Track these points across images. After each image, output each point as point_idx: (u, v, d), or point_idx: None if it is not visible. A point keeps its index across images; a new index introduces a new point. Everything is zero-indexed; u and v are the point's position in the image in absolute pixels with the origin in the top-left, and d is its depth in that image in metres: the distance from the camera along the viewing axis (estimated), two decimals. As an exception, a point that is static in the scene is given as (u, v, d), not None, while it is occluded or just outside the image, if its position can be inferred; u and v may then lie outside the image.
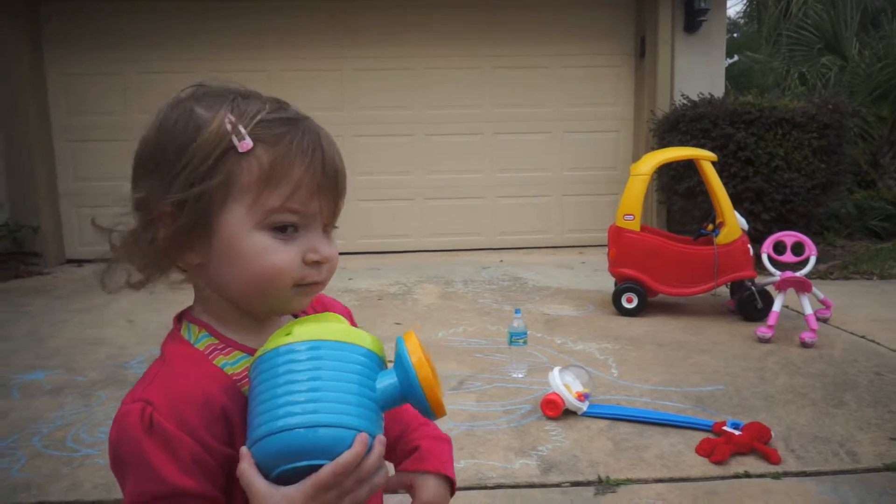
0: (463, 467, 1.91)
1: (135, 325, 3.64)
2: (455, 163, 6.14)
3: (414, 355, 0.63)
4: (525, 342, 2.73)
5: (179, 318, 0.73)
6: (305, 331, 0.62)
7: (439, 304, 4.05)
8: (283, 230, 0.65)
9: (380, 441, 0.60)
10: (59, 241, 5.84)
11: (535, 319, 3.58)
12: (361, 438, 0.58)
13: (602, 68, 6.15)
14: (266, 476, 0.58)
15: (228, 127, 0.63)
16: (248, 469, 0.58)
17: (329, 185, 0.66)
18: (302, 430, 0.57)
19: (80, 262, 5.84)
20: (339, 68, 5.92)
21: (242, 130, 0.63)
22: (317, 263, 0.66)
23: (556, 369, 2.36)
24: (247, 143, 0.63)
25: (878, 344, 3.06)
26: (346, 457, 0.57)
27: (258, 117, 0.64)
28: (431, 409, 0.63)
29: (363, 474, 0.59)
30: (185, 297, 0.78)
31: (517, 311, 2.76)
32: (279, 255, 0.64)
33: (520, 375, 2.70)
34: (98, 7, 5.70)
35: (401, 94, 6.02)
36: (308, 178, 0.65)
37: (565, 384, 2.29)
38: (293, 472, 0.58)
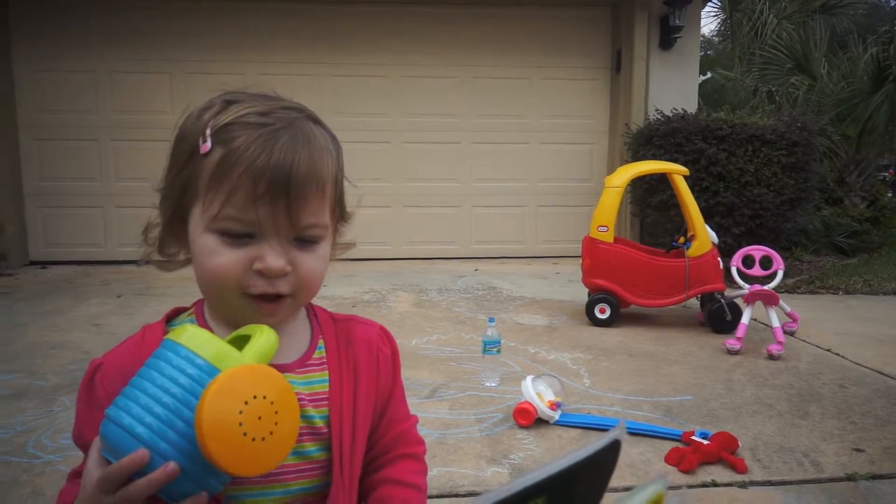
0: (435, 475, 1.90)
1: (102, 330, 3.56)
2: (432, 171, 6.15)
3: (212, 394, 0.55)
4: (498, 351, 2.74)
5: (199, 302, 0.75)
6: (192, 333, 0.60)
7: (413, 312, 4.04)
8: (233, 235, 0.64)
9: (166, 470, 0.54)
10: (23, 242, 5.70)
11: (508, 329, 3.60)
12: (136, 455, 0.54)
13: (579, 81, 6.24)
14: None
15: (202, 128, 0.65)
16: (94, 442, 0.59)
17: (276, 193, 0.62)
18: (105, 419, 0.57)
19: (44, 264, 5.70)
20: (315, 73, 5.90)
21: (207, 132, 0.64)
22: (262, 273, 0.64)
23: (529, 378, 2.37)
24: (206, 146, 0.64)
25: (843, 357, 3.13)
26: (113, 466, 0.55)
27: (227, 120, 0.64)
28: (223, 469, 0.55)
29: (129, 493, 0.55)
30: (155, 302, 0.77)
31: (491, 320, 2.77)
32: (220, 258, 0.64)
33: (493, 384, 2.71)
34: (70, 3, 5.60)
35: (378, 101, 6.02)
36: (247, 185, 0.62)
37: (538, 393, 2.30)
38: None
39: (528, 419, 2.26)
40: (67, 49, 5.65)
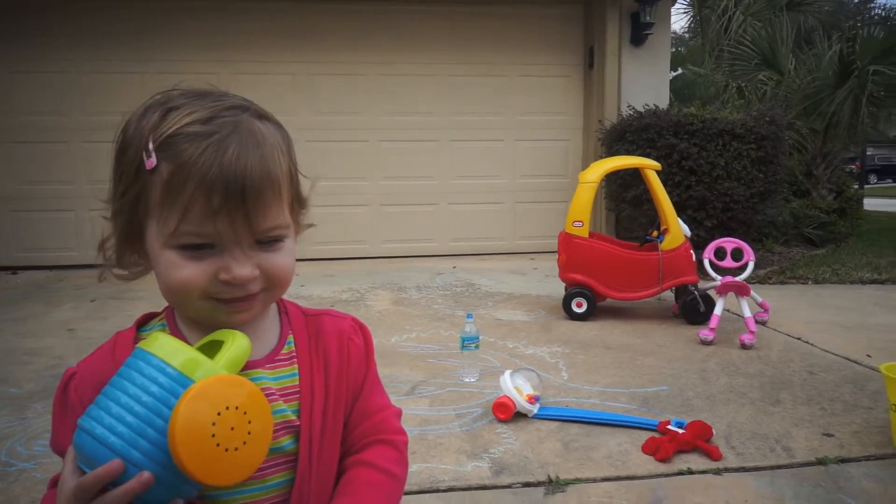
0: (415, 471, 1.92)
1: (76, 335, 3.50)
2: (409, 169, 6.15)
3: (190, 399, 0.55)
4: (477, 347, 2.76)
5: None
6: (162, 341, 0.60)
7: (392, 310, 4.04)
8: (194, 248, 0.63)
9: (140, 480, 0.55)
10: (-8, 247, 5.58)
11: (487, 324, 3.62)
12: (111, 465, 0.55)
13: (553, 78, 6.29)
14: None
15: (145, 141, 0.63)
16: (69, 451, 0.60)
17: (233, 204, 0.61)
18: (78, 429, 0.58)
19: (14, 269, 5.58)
20: (291, 72, 5.87)
21: (150, 147, 0.62)
22: (229, 283, 0.64)
23: (507, 373, 2.39)
24: (151, 161, 0.62)
25: (812, 345, 3.22)
26: (88, 477, 0.56)
27: (169, 131, 0.62)
28: (190, 474, 0.55)
29: (105, 503, 0.56)
30: (129, 307, 0.78)
31: (469, 317, 2.79)
32: (185, 272, 0.63)
33: (472, 380, 2.73)
34: (44, 3, 5.49)
35: (355, 100, 6.01)
36: (201, 199, 0.61)
37: (516, 387, 2.33)
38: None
39: (507, 413, 2.28)
40: (36, 50, 5.54)
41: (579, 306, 3.73)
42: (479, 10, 6.08)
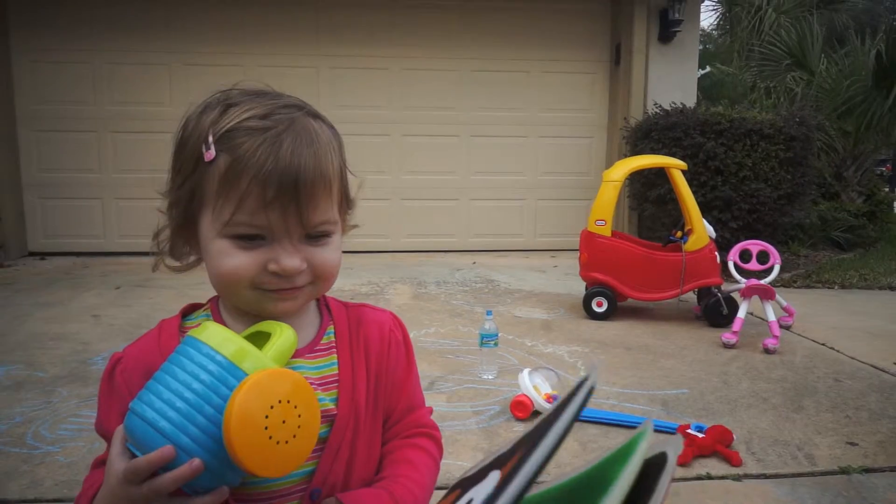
0: (431, 467, 1.92)
1: (100, 321, 3.56)
2: (430, 164, 6.15)
3: (244, 393, 0.56)
4: (496, 344, 2.75)
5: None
6: (212, 331, 0.62)
7: (411, 304, 4.05)
8: (246, 238, 0.65)
9: (191, 466, 0.56)
10: (21, 233, 5.70)
11: (506, 322, 3.61)
12: (164, 451, 0.56)
13: (578, 75, 6.23)
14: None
15: (204, 135, 0.66)
16: (116, 432, 0.61)
17: (286, 197, 0.63)
18: (130, 412, 0.59)
19: (42, 255, 5.70)
20: (315, 65, 5.89)
21: (210, 140, 0.65)
22: (277, 274, 0.66)
23: (526, 371, 2.38)
24: (210, 154, 0.65)
25: (838, 351, 3.15)
26: (140, 460, 0.57)
27: (229, 125, 0.64)
28: (244, 466, 0.56)
29: (156, 486, 0.57)
30: (153, 294, 0.79)
31: (488, 313, 2.78)
32: (234, 261, 0.66)
33: (490, 377, 2.72)
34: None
35: (377, 94, 6.01)
36: (256, 191, 0.63)
37: (534, 386, 2.32)
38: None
39: (525, 412, 2.27)
40: (66, 40, 5.62)
41: (599, 306, 3.70)
42: (504, 4, 6.04)
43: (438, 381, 2.67)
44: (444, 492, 0.53)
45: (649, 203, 5.36)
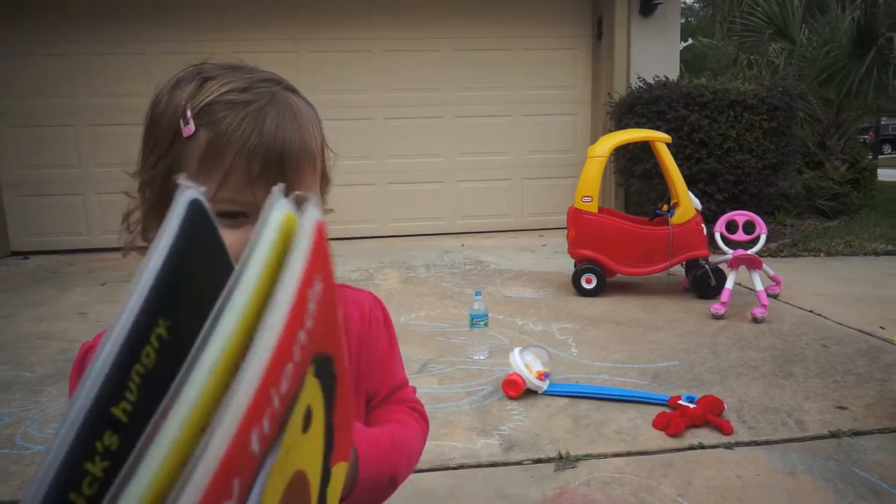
0: (426, 449, 1.91)
1: (87, 318, 3.53)
2: (415, 147, 6.10)
3: None
4: (486, 324, 2.75)
5: None
6: None
7: (401, 288, 4.04)
8: (229, 216, 0.63)
9: None
10: (2, 232, 5.60)
11: (496, 302, 3.61)
12: None
13: (561, 51, 6.18)
14: None
15: (181, 110, 0.63)
16: None
17: (272, 173, 0.62)
18: None
19: (25, 254, 5.62)
20: (295, 50, 5.80)
21: (188, 114, 0.62)
22: None
23: (517, 350, 2.38)
24: (189, 128, 0.62)
25: (825, 318, 3.18)
26: None
27: (207, 99, 0.62)
28: None
29: None
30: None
31: (477, 294, 2.78)
32: None
33: (481, 357, 2.72)
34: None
35: (359, 77, 5.94)
36: (241, 166, 0.61)
37: (526, 364, 2.32)
38: None
39: (517, 390, 2.28)
40: (39, 32, 5.49)
41: (588, 282, 3.70)
42: (484, -18, 5.97)
43: (430, 364, 2.67)
44: (439, 472, 0.52)
45: (635, 178, 5.36)
